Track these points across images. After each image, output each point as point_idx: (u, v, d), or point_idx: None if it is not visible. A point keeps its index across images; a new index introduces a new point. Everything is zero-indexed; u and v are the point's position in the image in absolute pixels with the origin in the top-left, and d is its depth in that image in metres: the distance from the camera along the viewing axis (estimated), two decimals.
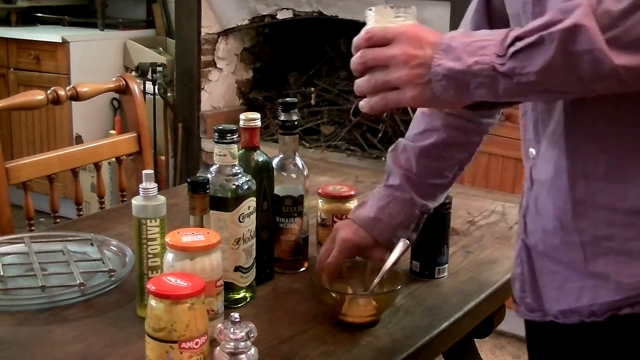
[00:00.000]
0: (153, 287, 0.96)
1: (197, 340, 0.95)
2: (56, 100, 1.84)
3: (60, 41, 3.90)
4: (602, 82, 0.82)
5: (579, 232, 0.93)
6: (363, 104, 0.98)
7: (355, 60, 0.99)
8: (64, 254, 1.39)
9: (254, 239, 1.25)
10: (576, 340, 0.97)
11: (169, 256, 1.07)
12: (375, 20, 1.00)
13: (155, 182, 1.17)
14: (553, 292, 0.98)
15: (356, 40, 0.99)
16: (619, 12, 0.78)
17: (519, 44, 0.84)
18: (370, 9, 1.01)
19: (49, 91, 1.83)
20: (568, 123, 0.92)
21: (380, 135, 3.65)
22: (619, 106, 0.87)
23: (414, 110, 1.28)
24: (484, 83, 0.87)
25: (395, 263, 1.24)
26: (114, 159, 2.02)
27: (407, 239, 1.25)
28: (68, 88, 1.90)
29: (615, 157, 0.89)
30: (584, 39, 0.79)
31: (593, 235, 0.92)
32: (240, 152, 1.27)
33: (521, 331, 1.12)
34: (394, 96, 0.93)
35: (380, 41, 0.95)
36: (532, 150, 1.00)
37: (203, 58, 3.90)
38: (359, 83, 0.98)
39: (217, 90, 4.02)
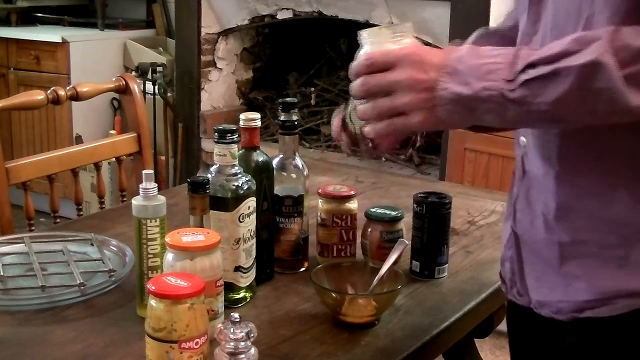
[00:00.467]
0: (153, 287, 0.96)
1: (197, 340, 0.95)
2: (56, 100, 1.84)
3: (60, 41, 3.90)
4: (616, 117, 0.81)
5: (559, 233, 0.93)
6: (369, 130, 0.96)
7: (356, 87, 0.95)
8: (64, 254, 1.39)
9: (254, 239, 1.25)
10: (547, 332, 0.99)
11: (169, 256, 1.07)
12: (371, 43, 0.96)
13: (155, 182, 1.17)
14: (533, 281, 0.99)
15: (356, 66, 0.95)
16: (638, 47, 0.78)
17: (532, 72, 0.82)
18: (364, 32, 0.97)
19: (49, 91, 1.83)
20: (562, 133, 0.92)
21: None
22: (615, 130, 0.87)
23: None
24: (492, 109, 0.86)
25: (395, 263, 1.24)
26: (114, 159, 2.02)
27: None
28: (68, 88, 1.90)
29: (605, 171, 0.89)
30: (602, 77, 0.78)
31: (572, 238, 0.92)
32: (240, 152, 1.27)
33: None
34: (400, 122, 0.91)
35: (382, 66, 0.92)
36: (523, 139, 0.99)
37: (203, 58, 3.90)
38: (363, 110, 0.95)
39: (217, 90, 4.02)
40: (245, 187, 1.21)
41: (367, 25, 3.47)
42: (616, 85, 0.78)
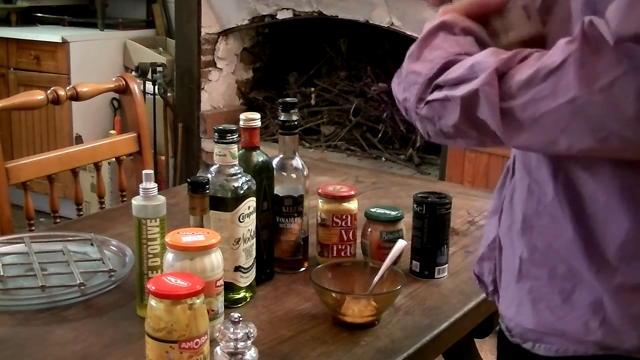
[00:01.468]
0: (153, 287, 0.96)
1: (197, 340, 0.95)
2: (56, 100, 1.84)
3: (60, 41, 3.89)
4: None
5: (521, 247, 0.90)
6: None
7: None
8: (64, 254, 1.39)
9: (254, 239, 1.25)
10: (505, 347, 0.96)
11: (169, 256, 1.07)
12: None
13: (155, 182, 1.17)
14: (502, 290, 0.97)
15: None
16: (520, 82, 0.76)
17: (434, 94, 0.84)
18: None
19: (49, 91, 1.83)
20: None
21: (380, 135, 3.65)
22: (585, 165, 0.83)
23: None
24: (415, 120, 0.88)
25: (394, 263, 1.25)
26: (114, 159, 2.02)
27: None
28: (68, 88, 1.90)
29: (566, 197, 0.84)
30: (481, 109, 0.78)
31: (530, 256, 0.89)
32: (240, 152, 1.27)
33: None
34: None
35: None
36: None
37: (203, 58, 3.90)
38: None
39: (217, 90, 4.02)
40: (245, 187, 1.21)
41: (367, 25, 3.48)
42: (494, 120, 0.77)
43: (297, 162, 1.37)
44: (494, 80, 0.77)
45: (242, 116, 1.29)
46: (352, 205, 1.41)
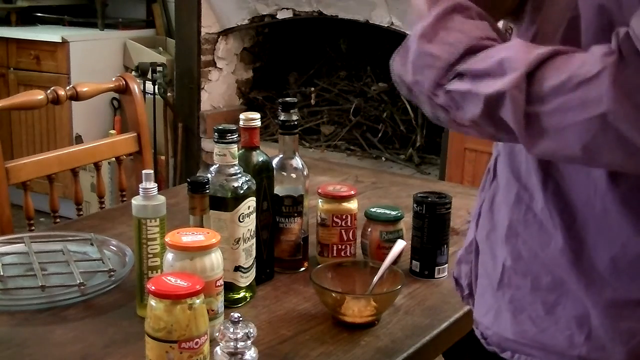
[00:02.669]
0: (153, 287, 0.96)
1: (197, 340, 0.95)
2: (56, 100, 1.84)
3: (60, 41, 3.89)
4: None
5: (505, 254, 0.88)
6: None
7: None
8: (64, 254, 1.39)
9: (254, 239, 1.25)
10: (479, 353, 0.94)
11: (169, 256, 1.07)
12: None
13: (155, 182, 1.17)
14: (477, 297, 0.95)
15: None
16: (550, 87, 0.72)
17: (455, 85, 0.79)
18: None
19: (49, 91, 1.83)
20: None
21: (380, 135, 3.65)
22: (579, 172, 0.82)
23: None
24: (425, 103, 0.83)
25: (394, 263, 1.25)
26: (113, 159, 2.02)
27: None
28: (68, 88, 1.90)
29: (556, 206, 0.83)
30: (506, 110, 0.74)
31: (513, 265, 0.87)
32: (240, 152, 1.27)
33: None
34: None
35: None
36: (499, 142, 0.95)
37: (203, 58, 3.90)
38: None
39: (217, 90, 4.02)
40: (245, 187, 1.21)
41: (367, 25, 3.48)
42: (517, 124, 0.74)
43: (297, 162, 1.37)
44: (523, 84, 0.73)
45: (242, 116, 1.29)
46: (352, 205, 1.41)
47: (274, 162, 1.35)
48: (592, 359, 0.81)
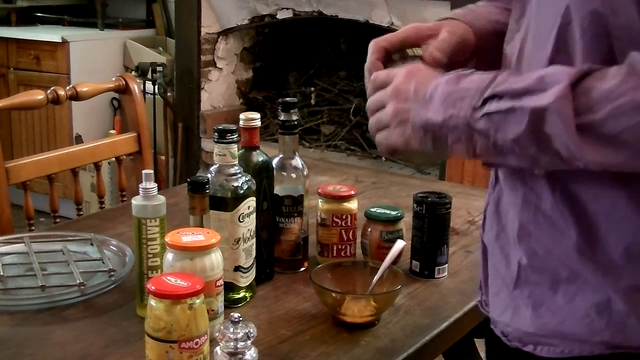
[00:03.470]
0: (153, 287, 0.96)
1: (197, 340, 0.95)
2: (56, 100, 1.84)
3: (60, 41, 3.90)
4: (578, 164, 0.77)
5: (519, 253, 0.89)
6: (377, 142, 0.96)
7: (368, 103, 0.95)
8: (63, 254, 1.39)
9: (254, 239, 1.25)
10: (500, 351, 0.94)
11: (169, 256, 1.07)
12: None
13: (155, 182, 1.17)
14: (491, 297, 0.96)
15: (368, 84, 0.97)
16: (598, 94, 0.73)
17: (494, 105, 0.79)
18: None
19: (48, 91, 1.83)
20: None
21: None
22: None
23: None
24: (460, 139, 0.82)
25: (394, 263, 1.24)
26: (113, 159, 2.02)
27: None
28: (68, 88, 1.90)
29: (565, 202, 0.83)
30: (554, 124, 0.74)
31: (529, 262, 0.88)
32: (240, 152, 1.27)
33: None
34: (383, 135, 0.91)
35: (381, 84, 0.93)
36: None
37: (203, 58, 3.90)
38: (369, 123, 0.95)
39: (217, 90, 4.02)
40: (245, 187, 1.21)
41: (367, 25, 3.48)
42: (567, 135, 0.74)
43: (297, 161, 1.37)
44: (569, 94, 0.73)
45: (242, 116, 1.29)
46: (352, 205, 1.41)
47: (274, 162, 1.35)
48: (615, 342, 0.82)
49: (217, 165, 1.22)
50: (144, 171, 1.16)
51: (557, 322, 0.85)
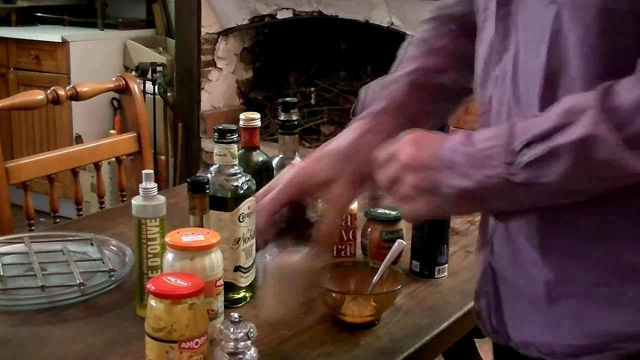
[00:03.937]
0: (153, 287, 0.96)
1: (197, 340, 0.95)
2: (56, 100, 1.84)
3: (60, 41, 3.90)
4: (631, 180, 0.76)
5: (545, 271, 0.87)
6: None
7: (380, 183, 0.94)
8: (63, 254, 1.39)
9: (254, 239, 1.25)
10: None
11: (169, 256, 1.07)
12: None
13: (155, 182, 1.17)
14: (516, 321, 0.93)
15: None
16: (630, 105, 0.73)
17: (530, 154, 0.77)
18: None
19: (48, 91, 1.83)
20: None
21: None
22: None
23: None
24: (501, 196, 0.81)
25: (394, 263, 1.24)
26: (113, 159, 2.02)
27: None
28: (68, 88, 1.90)
29: (589, 211, 0.83)
30: (600, 149, 0.73)
31: (557, 277, 0.86)
32: (240, 152, 1.27)
33: None
34: (407, 209, 0.89)
35: (386, 159, 0.92)
36: None
37: (203, 58, 3.90)
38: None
39: (217, 90, 4.02)
40: (245, 187, 1.21)
41: (367, 25, 3.48)
42: (617, 154, 0.73)
43: (297, 162, 1.37)
44: (603, 115, 0.73)
45: (242, 116, 1.29)
46: (352, 205, 1.41)
47: (274, 162, 1.35)
48: None
49: (217, 165, 1.21)
50: (144, 171, 1.16)
51: (609, 325, 0.84)
